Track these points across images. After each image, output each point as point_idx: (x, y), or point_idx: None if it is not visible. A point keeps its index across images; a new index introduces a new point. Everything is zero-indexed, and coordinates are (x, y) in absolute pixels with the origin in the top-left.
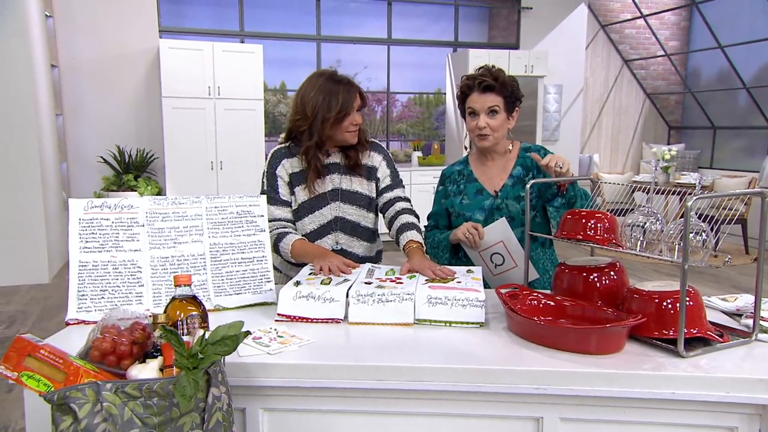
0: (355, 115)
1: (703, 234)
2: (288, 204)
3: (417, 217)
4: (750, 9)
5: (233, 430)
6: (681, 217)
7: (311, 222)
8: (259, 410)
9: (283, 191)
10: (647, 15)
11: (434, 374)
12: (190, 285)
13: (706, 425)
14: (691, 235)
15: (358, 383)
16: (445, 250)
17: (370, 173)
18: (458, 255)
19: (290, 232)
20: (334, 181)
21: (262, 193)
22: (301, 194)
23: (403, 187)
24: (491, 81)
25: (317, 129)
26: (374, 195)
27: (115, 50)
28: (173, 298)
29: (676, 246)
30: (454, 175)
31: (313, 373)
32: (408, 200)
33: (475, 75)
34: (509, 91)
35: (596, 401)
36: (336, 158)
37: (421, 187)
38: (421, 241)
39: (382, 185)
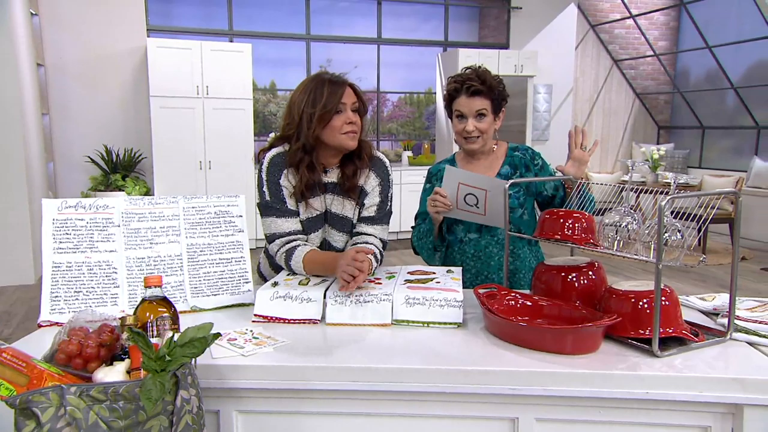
0: (348, 113)
1: (677, 233)
2: (296, 214)
3: (381, 260)
4: (738, 9)
5: None
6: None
7: None
8: (234, 412)
9: (290, 202)
10: (636, 15)
11: (409, 375)
12: (160, 286)
13: (679, 425)
14: (666, 234)
15: (333, 384)
16: (429, 233)
17: (360, 196)
18: (446, 240)
19: (297, 246)
20: (327, 202)
21: (264, 204)
22: (301, 213)
23: (387, 223)
24: (479, 85)
25: (304, 130)
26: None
27: (102, 49)
28: (143, 300)
29: (652, 245)
30: (440, 172)
31: (287, 375)
32: (384, 242)
33: (462, 77)
34: (496, 94)
35: (571, 401)
36: (333, 177)
37: (411, 186)
38: (373, 260)
39: (364, 214)
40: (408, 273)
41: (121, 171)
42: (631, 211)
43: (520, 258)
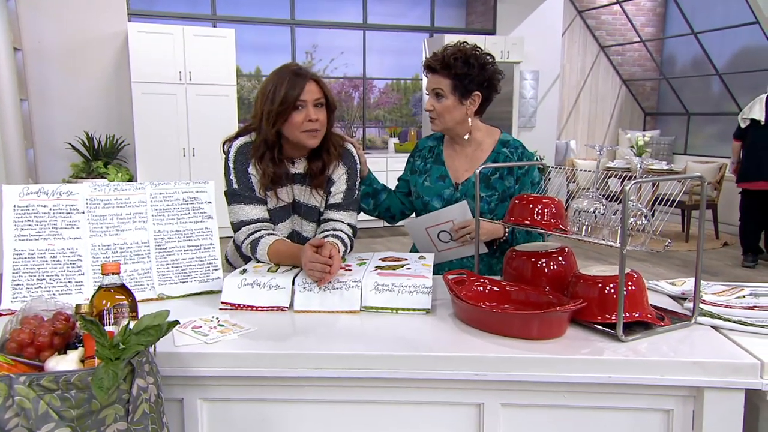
0: (309, 110)
1: (643, 218)
2: (264, 202)
3: (352, 245)
4: None
5: (163, 421)
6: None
7: None
8: (198, 400)
9: (258, 189)
10: (623, 1)
11: (377, 362)
12: (118, 273)
13: (642, 408)
14: (632, 219)
15: (300, 372)
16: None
17: (327, 185)
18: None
19: (262, 237)
20: (295, 193)
21: (232, 192)
22: (268, 203)
23: (355, 210)
24: (433, 62)
25: (263, 125)
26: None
27: (82, 33)
28: (99, 287)
29: (618, 230)
30: (425, 150)
31: (252, 362)
32: (353, 227)
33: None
34: (455, 73)
35: (536, 386)
36: (300, 168)
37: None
38: (340, 245)
39: (331, 201)
40: (379, 259)
41: (103, 158)
42: (600, 196)
43: (482, 261)
